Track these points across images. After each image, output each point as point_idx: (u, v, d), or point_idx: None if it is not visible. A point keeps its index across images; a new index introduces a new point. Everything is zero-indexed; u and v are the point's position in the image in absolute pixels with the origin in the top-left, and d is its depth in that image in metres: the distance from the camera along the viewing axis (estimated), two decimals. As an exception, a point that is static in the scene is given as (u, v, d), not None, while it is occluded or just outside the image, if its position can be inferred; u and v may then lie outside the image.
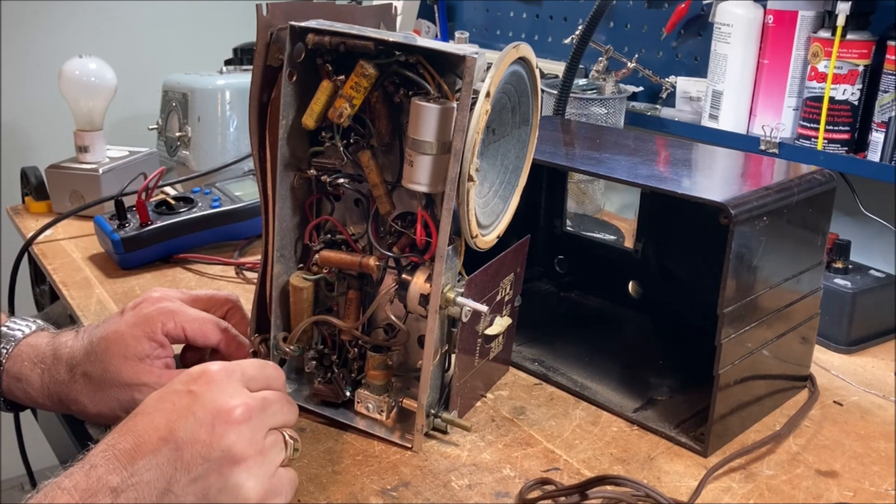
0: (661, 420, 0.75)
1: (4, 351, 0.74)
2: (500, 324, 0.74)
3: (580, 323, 0.97)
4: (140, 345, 0.71)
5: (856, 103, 1.08)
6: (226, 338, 0.77)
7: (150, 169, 1.26)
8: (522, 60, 0.68)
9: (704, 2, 1.29)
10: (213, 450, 0.54)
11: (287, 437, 0.59)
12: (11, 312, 1.17)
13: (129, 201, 1.10)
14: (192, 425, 0.54)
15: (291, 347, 0.73)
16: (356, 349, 0.74)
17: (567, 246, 1.04)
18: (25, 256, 1.16)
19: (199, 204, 1.14)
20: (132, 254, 1.07)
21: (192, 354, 0.80)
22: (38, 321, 0.80)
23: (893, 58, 1.03)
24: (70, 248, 1.17)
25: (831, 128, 1.09)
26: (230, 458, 0.54)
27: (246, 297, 0.80)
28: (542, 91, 0.78)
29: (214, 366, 0.58)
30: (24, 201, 1.36)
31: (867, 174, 1.07)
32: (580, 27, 1.18)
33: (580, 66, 1.23)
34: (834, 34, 1.06)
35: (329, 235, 0.73)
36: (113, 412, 0.71)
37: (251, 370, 0.60)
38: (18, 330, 0.76)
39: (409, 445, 0.70)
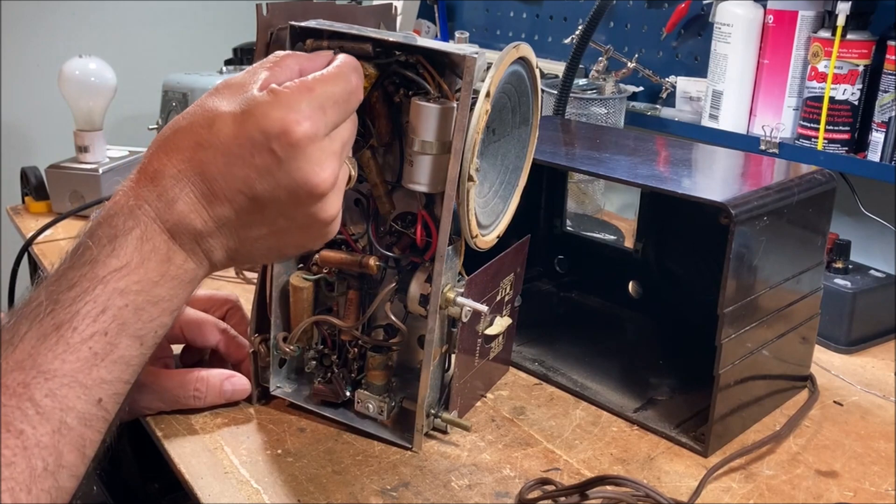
0: (661, 420, 0.75)
1: None
2: (500, 324, 0.74)
3: (580, 323, 0.96)
4: None
5: (856, 103, 1.08)
6: (225, 339, 0.77)
7: (150, 169, 1.26)
8: (522, 60, 0.68)
9: (704, 2, 1.29)
10: (298, 214, 0.55)
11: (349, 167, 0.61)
12: (11, 312, 1.16)
13: (129, 201, 1.09)
14: (274, 188, 0.54)
15: (291, 347, 0.73)
16: (356, 349, 0.74)
17: (567, 246, 1.04)
18: (25, 256, 1.16)
19: (199, 204, 1.13)
20: (132, 254, 1.07)
21: (192, 354, 0.80)
22: None
23: (893, 58, 1.03)
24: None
25: (831, 128, 1.09)
26: (316, 221, 0.56)
27: (246, 297, 0.79)
28: (542, 91, 0.79)
29: (296, 115, 0.53)
30: (24, 201, 1.36)
31: (867, 174, 1.07)
32: (580, 27, 1.18)
33: (580, 66, 1.23)
34: (834, 34, 1.06)
35: (329, 235, 0.73)
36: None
37: (332, 116, 0.56)
38: None
39: (409, 445, 0.70)
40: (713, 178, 0.83)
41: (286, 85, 0.55)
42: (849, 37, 1.06)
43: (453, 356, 0.72)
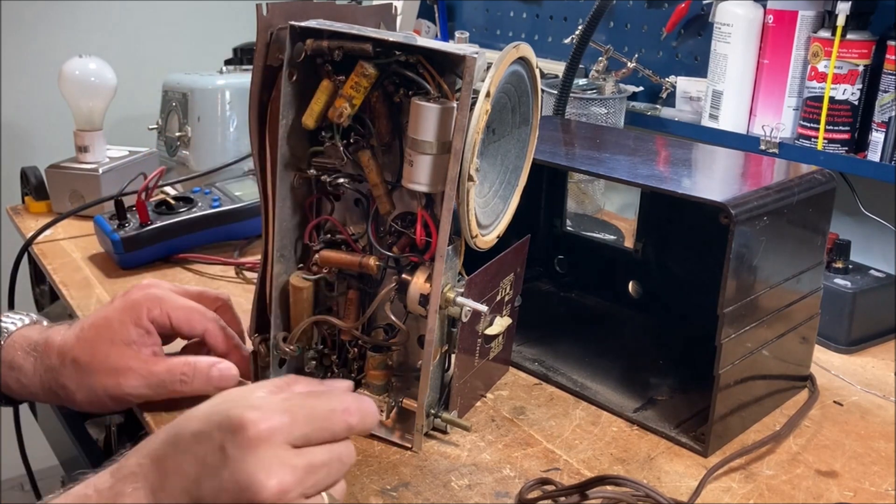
0: (661, 420, 0.75)
1: None
2: (500, 324, 0.74)
3: (580, 323, 0.96)
4: (126, 330, 0.71)
5: (856, 103, 1.08)
6: (212, 328, 0.75)
7: (150, 169, 1.26)
8: (522, 60, 0.68)
9: (704, 2, 1.29)
10: None
11: (325, 499, 0.54)
12: (11, 312, 1.17)
13: (129, 201, 1.09)
14: (218, 490, 0.50)
15: (291, 347, 0.73)
16: (356, 349, 0.74)
17: (567, 246, 1.04)
18: (25, 256, 1.16)
19: (199, 204, 1.14)
20: (132, 254, 1.07)
21: (189, 351, 0.79)
22: (33, 315, 0.80)
23: (893, 58, 1.03)
24: (70, 248, 1.17)
25: (831, 128, 1.09)
26: None
27: (246, 297, 0.80)
28: (542, 91, 0.79)
29: (256, 413, 0.51)
30: (24, 201, 1.36)
31: (867, 174, 1.07)
32: (580, 27, 1.18)
33: (580, 66, 1.23)
34: (834, 34, 1.06)
35: (329, 235, 0.73)
36: (99, 399, 0.71)
37: (303, 428, 0.53)
38: (12, 323, 0.77)
39: (409, 445, 0.70)
40: (713, 178, 0.83)
41: None
42: (849, 37, 1.06)
43: (453, 356, 0.72)
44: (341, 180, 0.70)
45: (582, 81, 1.31)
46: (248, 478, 0.50)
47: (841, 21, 1.05)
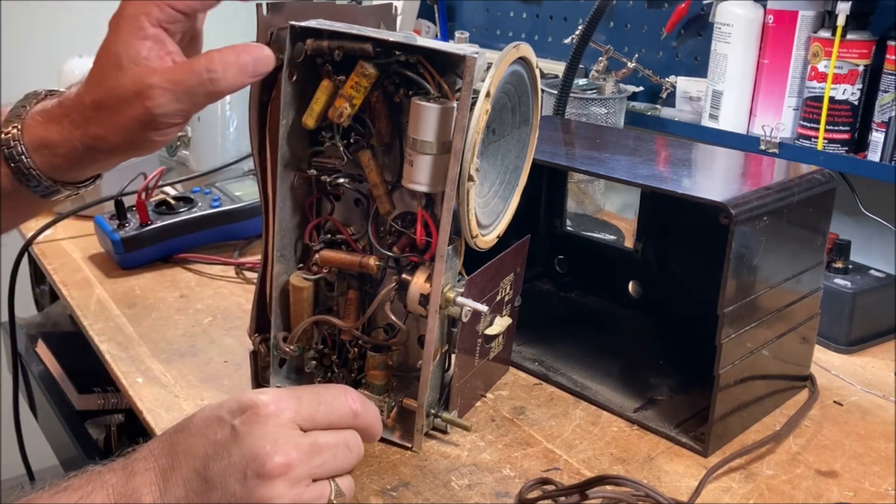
0: (661, 420, 0.75)
1: (16, 131, 0.65)
2: (500, 324, 0.74)
3: (580, 323, 0.96)
4: (131, 47, 0.61)
5: (856, 103, 1.08)
6: None
7: (149, 169, 1.26)
8: (522, 60, 0.68)
9: (704, 2, 1.29)
10: (241, 501, 0.52)
11: (332, 489, 0.55)
12: (11, 313, 1.16)
13: (128, 201, 1.09)
14: (225, 468, 0.52)
15: (291, 347, 0.73)
16: (356, 349, 0.74)
17: (567, 246, 1.04)
18: (25, 256, 1.16)
19: (199, 204, 1.14)
20: (132, 254, 1.07)
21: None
22: (38, 91, 0.69)
23: (893, 58, 1.03)
24: (70, 248, 1.17)
25: (831, 128, 1.09)
26: None
27: (246, 297, 0.80)
28: (542, 91, 0.79)
29: (266, 396, 0.54)
30: (24, 201, 1.36)
31: (867, 174, 1.07)
32: (580, 27, 1.18)
33: (580, 66, 1.23)
34: (834, 34, 1.06)
35: (329, 235, 0.73)
36: (137, 135, 0.62)
37: (309, 409, 0.55)
38: (22, 106, 0.67)
39: (409, 445, 0.70)
40: (713, 178, 0.83)
41: None
42: (849, 37, 1.06)
43: (453, 356, 0.72)
44: (341, 180, 0.70)
45: (582, 81, 1.31)
46: (254, 450, 0.52)
47: (841, 21, 1.05)
